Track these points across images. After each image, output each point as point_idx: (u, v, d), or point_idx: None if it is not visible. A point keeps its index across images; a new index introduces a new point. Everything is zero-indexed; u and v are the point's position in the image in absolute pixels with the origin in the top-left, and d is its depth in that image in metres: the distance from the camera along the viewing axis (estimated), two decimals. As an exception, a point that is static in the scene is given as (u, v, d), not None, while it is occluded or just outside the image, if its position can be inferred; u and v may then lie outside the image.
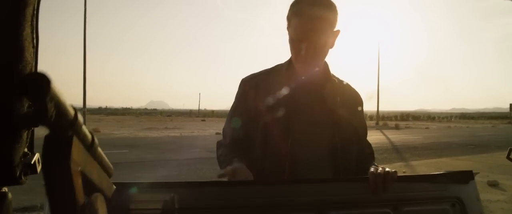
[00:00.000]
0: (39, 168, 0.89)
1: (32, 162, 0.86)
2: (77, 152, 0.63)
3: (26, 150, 0.86)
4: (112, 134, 20.11)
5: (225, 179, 1.33)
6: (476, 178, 1.37)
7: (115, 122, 30.35)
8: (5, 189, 0.88)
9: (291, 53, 1.50)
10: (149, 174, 8.68)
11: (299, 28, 1.41)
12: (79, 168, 0.64)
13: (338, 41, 1.51)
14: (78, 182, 0.60)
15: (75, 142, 0.63)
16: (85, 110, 24.43)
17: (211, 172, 9.31)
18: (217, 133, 23.02)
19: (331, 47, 1.50)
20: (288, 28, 1.48)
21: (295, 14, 1.42)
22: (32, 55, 0.76)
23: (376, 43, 48.86)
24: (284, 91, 1.47)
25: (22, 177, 0.86)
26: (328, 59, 1.58)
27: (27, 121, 0.80)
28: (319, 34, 1.41)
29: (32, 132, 0.87)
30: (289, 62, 1.55)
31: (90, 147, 0.72)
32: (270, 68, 1.62)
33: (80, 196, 0.58)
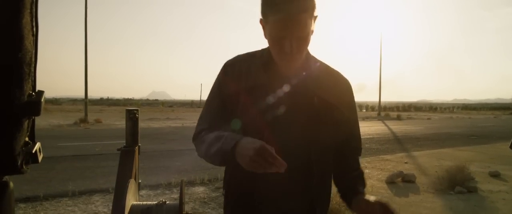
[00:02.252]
0: (40, 157, 0.89)
1: (33, 151, 0.86)
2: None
3: (26, 139, 0.86)
4: (114, 125, 20.14)
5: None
6: (478, 168, 1.31)
7: (116, 112, 30.39)
8: (6, 178, 0.88)
9: (273, 50, 1.36)
10: (150, 164, 8.72)
11: (281, 25, 1.26)
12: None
13: (341, 32, 1.43)
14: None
15: None
16: (86, 101, 24.44)
17: (213, 162, 9.34)
18: (218, 123, 23.03)
19: (312, 34, 1.37)
20: (264, 23, 1.33)
21: (272, 9, 1.28)
22: (32, 43, 0.75)
23: (378, 34, 48.62)
24: (264, 94, 1.36)
25: (23, 166, 0.86)
26: (331, 51, 1.49)
27: (28, 110, 0.80)
28: (303, 27, 1.27)
29: (33, 121, 0.87)
30: (268, 57, 1.42)
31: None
32: (253, 54, 1.48)
33: None
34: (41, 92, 0.81)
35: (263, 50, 1.47)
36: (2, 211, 0.81)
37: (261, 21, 1.35)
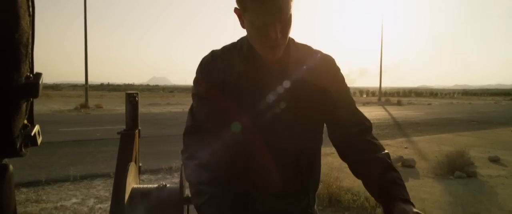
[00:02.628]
0: (39, 140, 0.88)
1: (32, 134, 0.85)
2: None
3: (25, 121, 0.85)
4: (115, 110, 20.16)
5: None
6: (477, 153, 1.24)
7: (117, 98, 30.40)
8: (5, 161, 0.87)
9: (255, 40, 1.26)
10: (150, 149, 8.74)
11: (262, 11, 1.19)
12: None
13: (343, 17, 1.37)
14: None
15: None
16: (87, 86, 24.42)
17: (213, 147, 9.36)
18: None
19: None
20: (241, 11, 1.26)
21: None
22: (28, 24, 0.74)
23: (380, 19, 48.30)
24: (249, 88, 1.30)
25: (23, 149, 0.85)
26: (333, 36, 1.42)
27: (26, 92, 0.79)
28: (286, 10, 1.20)
29: (31, 103, 0.86)
30: (249, 48, 1.34)
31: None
32: (231, 47, 1.40)
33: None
34: (39, 74, 0.79)
35: (240, 41, 1.38)
36: (2, 193, 0.81)
37: (236, 10, 1.26)
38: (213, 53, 1.37)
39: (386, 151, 1.33)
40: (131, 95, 1.26)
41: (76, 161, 7.48)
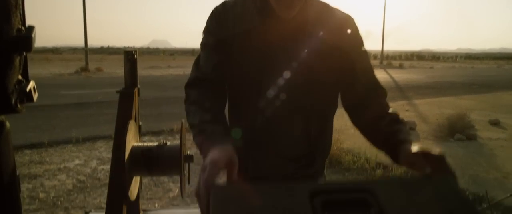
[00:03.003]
0: (35, 96, 0.86)
1: (27, 90, 0.83)
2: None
3: (20, 77, 0.83)
4: (115, 73, 20.10)
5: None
6: (478, 116, 1.13)
7: (117, 61, 30.24)
8: (2, 118, 0.86)
9: None
10: (152, 111, 8.77)
11: None
12: None
13: None
14: None
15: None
16: (87, 49, 24.25)
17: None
18: (220, 72, 22.97)
19: None
20: None
21: None
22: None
23: (383, -20, 47.27)
24: (261, 39, 1.23)
25: (18, 105, 0.84)
26: None
27: (18, 45, 0.77)
28: None
29: (25, 58, 0.84)
30: (262, 1, 1.26)
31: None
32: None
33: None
34: (31, 28, 0.77)
35: None
36: (0, 150, 0.80)
37: None
38: (225, 3, 1.29)
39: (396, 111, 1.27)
40: (130, 53, 1.23)
41: (78, 123, 7.51)
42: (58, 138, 6.29)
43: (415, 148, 1.03)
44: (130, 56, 1.23)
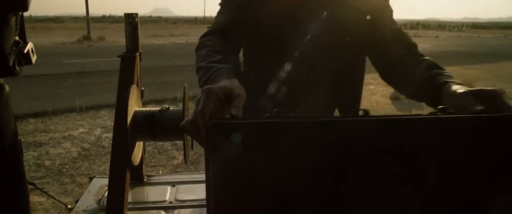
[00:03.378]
0: (33, 58, 0.85)
1: (25, 51, 0.81)
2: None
3: (17, 38, 0.81)
4: (117, 42, 19.96)
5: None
6: (483, 86, 1.01)
7: (119, 29, 29.96)
8: (1, 81, 0.84)
9: None
10: (155, 80, 8.75)
11: None
12: None
13: None
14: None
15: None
16: (88, 18, 24.01)
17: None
18: (223, 41, 22.79)
19: None
20: None
21: None
22: None
23: None
24: (286, 3, 1.15)
25: (17, 67, 0.82)
26: None
27: (12, 4, 0.74)
28: None
29: (21, 17, 0.81)
30: None
31: None
32: None
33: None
34: (27, -14, 0.74)
35: None
36: (0, 113, 0.79)
37: None
38: None
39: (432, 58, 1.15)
40: (130, 16, 1.20)
41: (81, 92, 7.52)
42: (61, 106, 6.31)
43: (461, 88, 0.89)
44: (131, 19, 1.20)
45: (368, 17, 1.22)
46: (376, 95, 7.62)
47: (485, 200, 0.70)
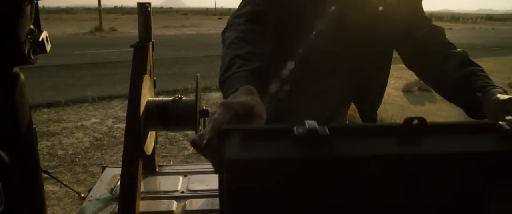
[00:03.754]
0: (48, 47, 0.85)
1: (40, 40, 0.82)
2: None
3: (31, 26, 0.81)
4: (129, 33, 20.04)
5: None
6: (497, 79, 0.93)
7: (131, 20, 30.08)
8: (16, 70, 0.85)
9: None
10: (166, 70, 8.77)
11: None
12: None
13: None
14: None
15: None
16: (100, 9, 24.11)
17: (229, 70, 9.36)
18: (234, 32, 22.74)
19: None
20: None
21: None
22: None
23: None
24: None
25: (32, 56, 0.82)
26: None
27: (28, -8, 0.74)
28: None
29: (36, 6, 0.82)
30: None
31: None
32: None
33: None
34: (41, -26, 0.74)
35: None
36: (15, 102, 0.80)
37: None
38: None
39: (463, 50, 1.08)
40: (143, 5, 1.20)
41: (93, 82, 7.58)
42: (74, 97, 6.37)
43: (504, 95, 0.82)
44: (144, 9, 1.20)
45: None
46: (388, 88, 7.55)
47: None
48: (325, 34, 1.11)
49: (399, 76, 8.87)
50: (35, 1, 0.75)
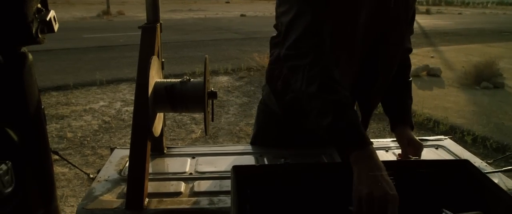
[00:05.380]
0: (56, 27, 0.84)
1: (47, 19, 0.81)
2: None
3: (39, 5, 0.81)
4: (137, 16, 20.00)
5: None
6: (507, 65, 1.07)
7: (139, 4, 29.95)
8: (24, 49, 0.84)
9: None
10: (174, 54, 8.77)
11: None
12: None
13: None
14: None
15: None
16: (108, -8, 24.04)
17: (236, 53, 9.34)
18: (241, 15, 22.60)
19: None
20: None
21: None
22: None
23: None
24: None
25: (39, 35, 0.82)
26: None
27: (36, -30, 0.74)
28: None
29: (44, -16, 0.81)
30: None
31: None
32: None
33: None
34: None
35: None
36: (24, 82, 0.80)
37: None
38: None
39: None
40: (151, -14, 1.19)
41: (101, 66, 7.60)
42: (82, 80, 6.40)
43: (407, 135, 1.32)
44: (151, -10, 1.19)
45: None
46: (397, 73, 7.48)
47: None
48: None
49: (469, 53, 8.74)
50: (43, -20, 0.74)
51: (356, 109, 1.38)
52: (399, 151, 1.49)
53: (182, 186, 1.23)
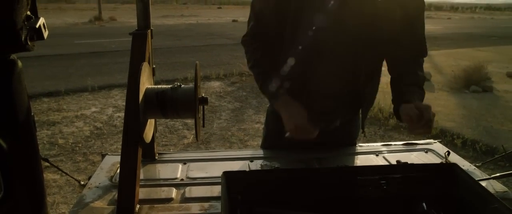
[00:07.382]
0: (45, 34, 0.84)
1: (37, 26, 0.81)
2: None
3: (28, 12, 0.81)
4: (129, 22, 19.95)
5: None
6: (495, 69, 1.16)
7: (131, 10, 29.90)
8: (14, 57, 0.84)
9: None
10: (166, 60, 8.76)
11: None
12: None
13: None
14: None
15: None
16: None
17: (228, 58, 9.34)
18: (233, 20, 22.64)
19: None
20: None
21: None
22: None
23: None
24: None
25: (29, 42, 0.82)
26: None
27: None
28: None
29: (33, -9, 0.81)
30: None
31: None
32: None
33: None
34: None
35: None
36: (13, 90, 0.79)
37: None
38: None
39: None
40: (141, -7, 1.19)
41: (93, 72, 7.56)
42: (74, 86, 6.37)
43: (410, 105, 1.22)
44: (142, -4, 1.19)
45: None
46: (386, 77, 7.54)
47: None
48: (329, 24, 1.27)
49: (458, 57, 8.80)
50: (32, -13, 0.74)
51: (355, 108, 1.51)
52: (389, 156, 1.50)
53: (173, 192, 1.23)
